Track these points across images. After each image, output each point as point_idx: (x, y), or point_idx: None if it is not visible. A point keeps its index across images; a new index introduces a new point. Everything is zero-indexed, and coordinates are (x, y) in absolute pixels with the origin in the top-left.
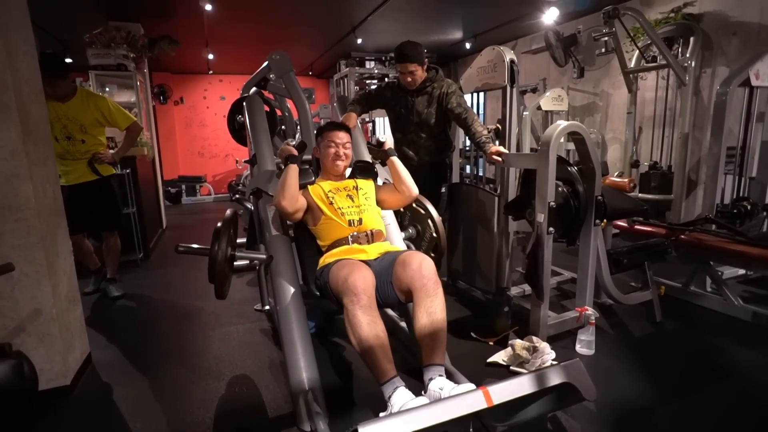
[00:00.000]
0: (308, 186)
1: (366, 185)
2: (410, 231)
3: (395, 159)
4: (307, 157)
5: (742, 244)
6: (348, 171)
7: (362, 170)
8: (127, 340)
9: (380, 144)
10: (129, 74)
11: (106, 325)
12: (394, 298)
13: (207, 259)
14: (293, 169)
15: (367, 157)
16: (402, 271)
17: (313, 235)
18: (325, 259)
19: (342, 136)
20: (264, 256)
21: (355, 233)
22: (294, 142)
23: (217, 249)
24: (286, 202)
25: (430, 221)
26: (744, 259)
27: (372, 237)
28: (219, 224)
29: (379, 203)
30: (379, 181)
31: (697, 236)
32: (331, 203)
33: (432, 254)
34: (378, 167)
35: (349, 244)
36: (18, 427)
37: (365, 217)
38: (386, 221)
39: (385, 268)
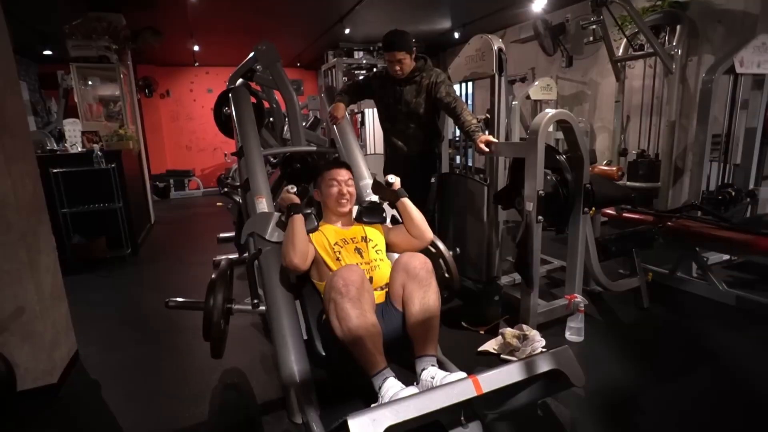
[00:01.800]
0: (310, 233)
1: (375, 235)
2: None
3: (407, 201)
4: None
5: (726, 229)
6: (354, 209)
7: (369, 213)
8: (115, 337)
9: (389, 185)
10: (112, 66)
11: (94, 322)
12: (398, 320)
13: (199, 312)
14: (299, 221)
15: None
16: (395, 271)
17: (318, 289)
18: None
19: (343, 174)
20: (263, 309)
21: None
22: (294, 189)
23: (212, 303)
24: (298, 260)
25: (441, 261)
26: (728, 245)
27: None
28: (213, 276)
29: (389, 247)
30: (388, 222)
31: (684, 223)
32: (338, 259)
33: (445, 295)
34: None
35: None
36: (4, 427)
37: (376, 275)
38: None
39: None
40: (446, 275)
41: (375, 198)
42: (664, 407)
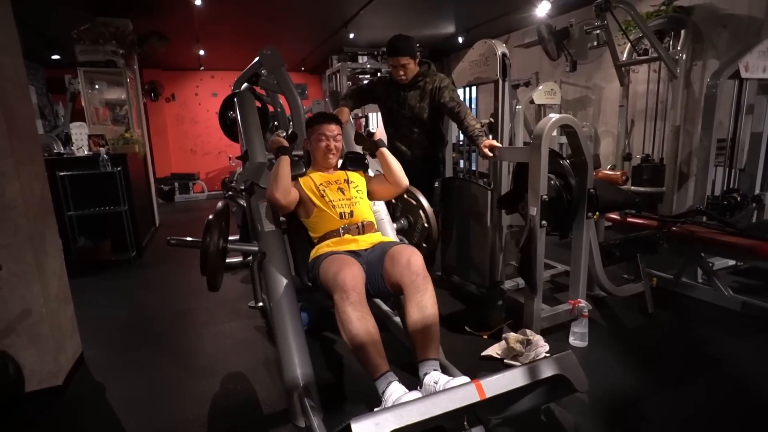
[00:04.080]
0: (299, 178)
1: (357, 178)
2: (402, 222)
3: (385, 150)
4: (298, 152)
5: (732, 235)
6: (339, 162)
7: (353, 162)
8: (120, 339)
9: (370, 135)
10: (118, 71)
11: (99, 324)
12: (385, 289)
13: (199, 252)
14: (285, 161)
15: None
16: (391, 266)
17: (305, 227)
18: (317, 251)
19: (333, 129)
20: (256, 248)
21: (346, 225)
22: (284, 134)
23: (209, 241)
24: (279, 194)
25: (421, 212)
26: (734, 250)
27: (363, 228)
28: (211, 216)
29: (369, 194)
30: (371, 173)
31: (689, 228)
32: (323, 196)
33: (424, 245)
34: (369, 160)
35: (340, 236)
36: (10, 429)
37: (356, 210)
38: (379, 215)
39: (376, 260)
40: (425, 225)
41: (358, 149)
42: (667, 413)
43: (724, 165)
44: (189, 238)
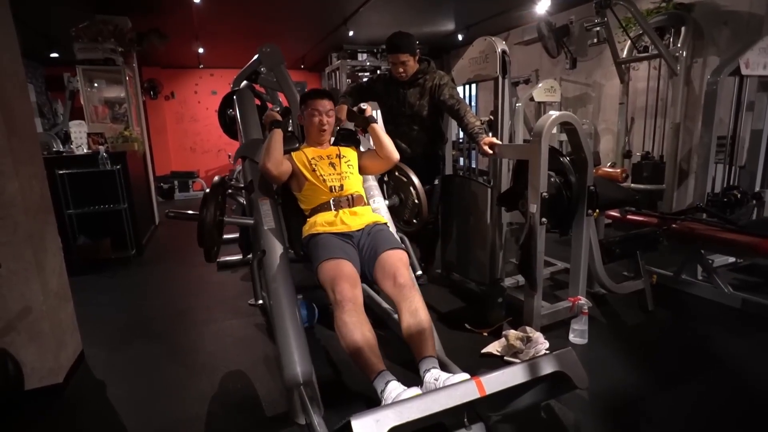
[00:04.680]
0: (292, 152)
1: (348, 153)
2: (393, 199)
3: (376, 126)
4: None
5: (732, 232)
6: (332, 139)
7: (345, 138)
8: (120, 337)
9: (362, 111)
10: (117, 69)
11: (99, 322)
12: (376, 282)
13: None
14: (278, 134)
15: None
16: (381, 276)
17: (298, 199)
18: (310, 228)
19: (326, 104)
20: (252, 221)
21: (336, 198)
22: (278, 109)
23: (206, 213)
24: (270, 165)
25: (412, 188)
26: (734, 247)
27: (353, 201)
28: (207, 190)
29: (361, 169)
30: (362, 149)
31: (689, 225)
32: (314, 170)
33: (415, 221)
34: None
35: (331, 209)
36: (10, 427)
37: (346, 184)
38: (371, 192)
39: (368, 252)
40: (416, 201)
41: (350, 126)
42: (667, 411)
43: (724, 162)
44: (187, 212)
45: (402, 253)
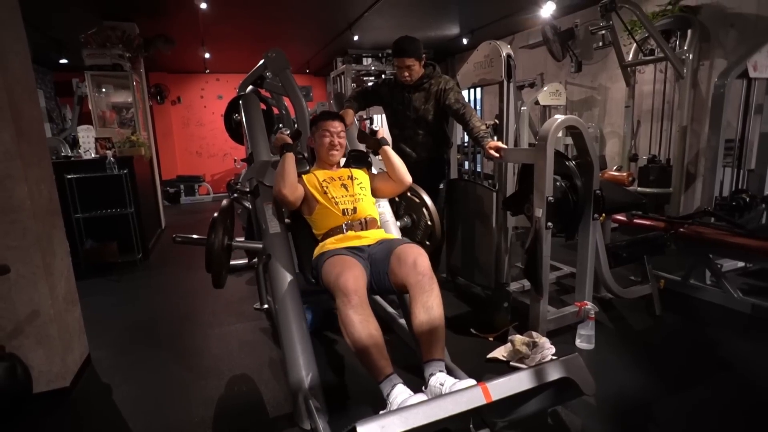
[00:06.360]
0: (302, 175)
1: (360, 175)
2: (405, 220)
3: (388, 148)
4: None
5: (741, 236)
6: (342, 160)
7: (356, 159)
8: (126, 341)
9: (373, 133)
10: (125, 74)
11: (106, 326)
12: (390, 287)
13: (204, 250)
14: (290, 158)
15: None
16: (397, 266)
17: (309, 224)
18: (321, 248)
19: (336, 125)
20: (260, 246)
21: (350, 222)
22: (287, 132)
23: (214, 238)
24: (286, 191)
25: (424, 210)
26: (743, 252)
27: (366, 225)
28: (216, 214)
29: (373, 192)
30: (374, 171)
31: (696, 229)
32: (326, 192)
33: (427, 242)
34: (372, 159)
35: (343, 232)
36: (17, 430)
37: (359, 206)
38: (383, 215)
39: (382, 257)
40: (429, 222)
41: (362, 147)
42: (675, 417)
43: (732, 165)
44: (194, 236)
45: (420, 249)
